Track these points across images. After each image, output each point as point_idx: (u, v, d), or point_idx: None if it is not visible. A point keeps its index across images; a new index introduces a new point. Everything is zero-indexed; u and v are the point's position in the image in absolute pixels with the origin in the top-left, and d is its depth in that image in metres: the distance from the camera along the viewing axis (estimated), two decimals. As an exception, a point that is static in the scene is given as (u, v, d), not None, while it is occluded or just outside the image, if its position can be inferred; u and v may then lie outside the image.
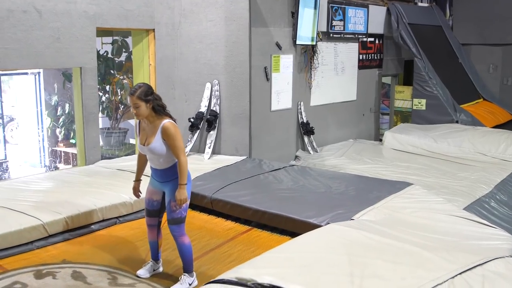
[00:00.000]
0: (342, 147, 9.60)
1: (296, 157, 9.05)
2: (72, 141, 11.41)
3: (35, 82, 11.20)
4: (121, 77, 10.26)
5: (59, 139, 10.99)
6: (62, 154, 10.89)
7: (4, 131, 10.93)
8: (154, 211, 4.48)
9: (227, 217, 5.91)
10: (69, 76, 9.48)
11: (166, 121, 4.15)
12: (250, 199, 5.84)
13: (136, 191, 4.65)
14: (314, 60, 9.37)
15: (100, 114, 10.50)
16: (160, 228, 4.59)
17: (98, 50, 10.22)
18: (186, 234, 4.35)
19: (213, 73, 7.73)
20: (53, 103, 10.86)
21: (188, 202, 4.30)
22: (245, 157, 7.63)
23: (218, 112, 7.71)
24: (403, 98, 11.25)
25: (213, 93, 7.73)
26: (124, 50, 10.10)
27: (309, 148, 9.21)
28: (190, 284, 4.33)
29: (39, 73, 11.06)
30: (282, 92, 8.57)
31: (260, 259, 3.36)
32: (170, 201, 4.23)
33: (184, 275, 4.36)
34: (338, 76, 10.12)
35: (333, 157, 8.98)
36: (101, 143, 9.13)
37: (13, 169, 10.64)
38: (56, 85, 10.70)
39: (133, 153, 8.68)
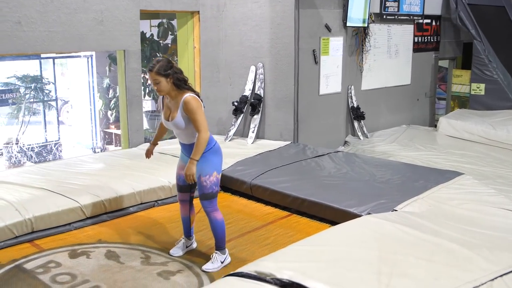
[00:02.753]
0: (394, 133, 9.27)
1: (346, 142, 8.80)
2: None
3: (87, 65, 11.41)
4: (167, 60, 10.24)
5: (110, 121, 11.14)
6: (113, 136, 11.04)
7: (58, 113, 11.17)
8: (185, 186, 4.38)
9: (267, 203, 5.78)
10: (115, 59, 9.55)
11: (187, 95, 3.98)
12: (290, 186, 5.67)
13: (149, 153, 4.64)
14: (366, 43, 9.02)
15: (146, 97, 10.59)
16: (192, 204, 4.52)
17: (145, 32, 10.24)
18: (218, 209, 4.24)
19: (258, 56, 7.56)
20: (104, 86, 11.00)
21: (219, 177, 4.19)
22: (289, 142, 7.45)
23: (262, 95, 7.55)
24: (461, 82, 10.73)
25: (257, 76, 7.57)
26: (170, 32, 10.06)
27: (359, 134, 8.94)
28: (222, 262, 4.26)
29: (91, 56, 11.24)
30: (331, 76, 8.31)
31: (284, 252, 3.20)
32: (201, 176, 4.09)
33: (216, 253, 4.29)
34: (391, 60, 9.73)
35: (384, 143, 8.67)
36: (146, 126, 9.20)
37: (66, 150, 10.89)
38: (107, 68, 10.82)
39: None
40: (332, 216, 5.13)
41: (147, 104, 11.18)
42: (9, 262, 4.36)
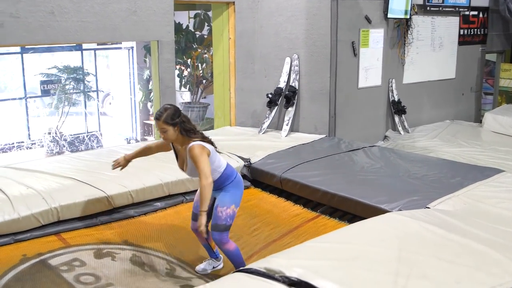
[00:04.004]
0: (436, 128, 8.97)
1: (385, 137, 8.57)
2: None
3: (128, 56, 11.47)
4: (202, 51, 10.16)
5: (150, 113, 11.18)
6: (153, 127, 11.08)
7: (98, 104, 11.29)
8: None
9: (296, 199, 5.64)
10: (150, 50, 9.56)
11: (193, 143, 3.80)
12: (320, 180, 5.52)
13: (119, 165, 4.52)
14: (408, 35, 8.74)
15: (182, 89, 10.57)
16: (208, 232, 4.30)
17: (181, 23, 10.19)
18: (229, 240, 4.02)
19: (293, 47, 7.40)
20: (145, 77, 11.05)
21: (236, 211, 4.00)
22: (324, 135, 7.28)
23: (297, 88, 7.39)
24: (509, 76, 10.29)
25: (292, 68, 7.42)
26: (206, 24, 10.00)
27: (400, 128, 8.68)
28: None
29: (132, 47, 11.29)
30: (370, 69, 8.10)
31: (298, 249, 3.07)
32: (218, 206, 3.94)
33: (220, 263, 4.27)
34: (435, 53, 9.40)
35: (425, 138, 8.39)
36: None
37: (106, 141, 10.99)
38: (144, 59, 10.86)
39: (211, 128, 8.60)
40: (362, 212, 4.96)
41: (186, 96, 11.17)
42: (35, 255, 4.35)
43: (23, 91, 10.29)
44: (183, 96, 11.15)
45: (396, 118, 8.71)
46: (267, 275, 2.64)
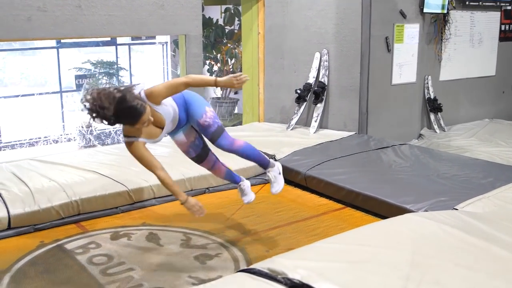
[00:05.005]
0: (474, 127, 8.67)
1: (420, 135, 8.33)
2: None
3: (162, 51, 11.54)
4: (232, 46, 10.09)
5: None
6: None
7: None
8: (200, 153, 4.23)
9: (322, 195, 5.51)
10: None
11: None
12: (345, 178, 5.37)
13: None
14: (446, 31, 8.47)
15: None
16: (218, 160, 4.36)
17: (212, 17, 10.13)
18: (235, 139, 4.04)
19: (323, 42, 7.25)
20: (178, 72, 11.08)
21: (212, 110, 3.99)
22: (354, 133, 7.10)
23: (326, 83, 7.24)
24: (553, 74, 9.85)
25: (322, 63, 7.26)
26: (237, 18, 9.93)
27: (436, 127, 8.43)
28: (280, 173, 4.31)
29: (166, 42, 11.35)
30: (405, 65, 7.87)
31: (307, 249, 2.94)
32: (198, 120, 3.89)
33: (268, 171, 4.27)
34: (474, 49, 9.08)
35: (462, 137, 8.12)
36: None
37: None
38: (177, 54, 10.89)
39: (240, 123, 8.53)
40: (386, 212, 4.78)
41: (218, 91, 11.14)
42: (52, 241, 4.39)
43: (58, 85, 10.48)
44: (216, 91, 11.13)
45: (432, 116, 8.46)
46: (270, 276, 2.54)
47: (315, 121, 7.23)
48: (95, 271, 3.88)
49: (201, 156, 4.28)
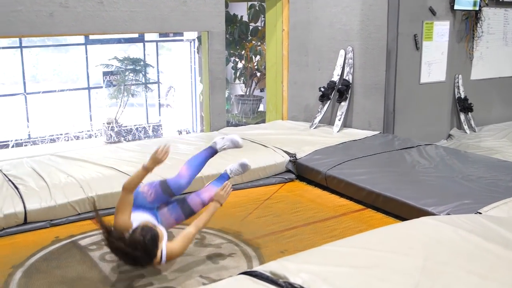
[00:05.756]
0: (506, 128, 8.40)
1: (449, 136, 8.12)
2: (224, 108, 11.56)
3: (190, 48, 11.53)
4: (256, 43, 9.99)
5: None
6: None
7: (159, 95, 11.41)
8: (185, 213, 4.08)
9: (342, 195, 5.39)
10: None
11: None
12: (366, 179, 5.23)
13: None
14: (478, 28, 8.22)
15: (236, 81, 10.46)
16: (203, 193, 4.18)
17: (237, 14, 10.05)
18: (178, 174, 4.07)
19: (348, 39, 7.10)
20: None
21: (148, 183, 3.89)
22: (378, 132, 6.94)
23: (350, 81, 7.09)
24: None
25: (346, 61, 7.12)
26: (262, 15, 9.83)
27: (466, 127, 8.21)
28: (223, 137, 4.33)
29: (194, 40, 11.33)
30: (434, 63, 7.66)
31: (314, 252, 2.83)
32: (148, 201, 3.85)
33: (220, 149, 4.31)
34: (508, 47, 8.80)
35: (493, 138, 7.87)
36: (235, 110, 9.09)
37: (167, 132, 11.09)
38: (196, 50, 10.88)
39: (263, 121, 8.44)
40: (407, 214, 4.63)
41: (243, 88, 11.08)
42: (67, 237, 4.39)
43: (86, 81, 10.57)
44: (243, 89, 11.07)
45: (462, 116, 8.24)
46: (271, 279, 2.44)
47: (339, 120, 7.10)
48: (107, 268, 3.86)
49: (188, 214, 4.11)
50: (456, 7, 7.57)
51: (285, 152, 6.06)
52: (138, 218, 3.64)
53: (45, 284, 3.62)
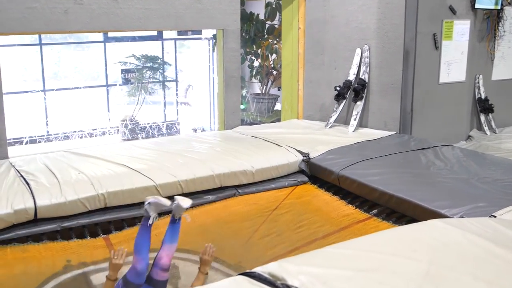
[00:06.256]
0: (528, 129, 8.23)
1: (469, 137, 7.97)
2: (241, 106, 11.53)
3: (208, 46, 11.52)
4: (272, 41, 9.92)
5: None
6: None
7: (177, 93, 11.42)
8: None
9: (353, 198, 5.30)
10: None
11: None
12: (379, 180, 5.14)
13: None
14: (499, 28, 8.06)
15: (252, 79, 10.41)
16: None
17: (253, 12, 9.99)
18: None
19: (364, 38, 7.00)
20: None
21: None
22: (394, 132, 6.84)
23: (366, 81, 7.00)
24: None
25: (362, 60, 7.02)
26: (279, 13, 9.78)
27: (486, 128, 8.05)
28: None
29: (212, 38, 11.31)
30: (453, 63, 7.53)
31: (315, 254, 2.76)
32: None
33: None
34: (530, 47, 8.62)
35: (514, 140, 7.72)
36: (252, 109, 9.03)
37: (184, 130, 11.09)
38: (212, 48, 10.85)
39: (278, 120, 8.39)
40: (420, 216, 4.54)
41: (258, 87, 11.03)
42: (78, 264, 4.26)
43: (105, 79, 10.62)
44: (260, 87, 11.03)
45: (482, 117, 8.08)
46: (269, 281, 2.39)
47: (354, 120, 7.01)
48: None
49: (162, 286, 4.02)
50: (477, 6, 7.43)
51: (299, 151, 6.00)
52: None
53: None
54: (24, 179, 4.97)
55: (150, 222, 3.92)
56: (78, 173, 5.13)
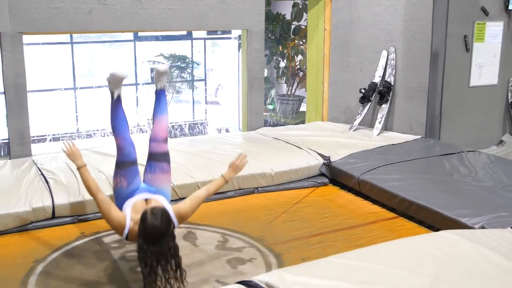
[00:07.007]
0: None
1: (501, 142, 7.74)
2: (270, 107, 11.49)
3: (238, 46, 11.48)
4: (298, 42, 9.81)
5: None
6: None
7: (206, 93, 11.43)
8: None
9: (375, 202, 5.21)
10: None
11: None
12: (399, 185, 5.03)
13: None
14: (534, 29, 7.81)
15: (278, 80, 10.33)
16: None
17: (280, 13, 9.91)
18: None
19: (390, 40, 6.87)
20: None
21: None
22: (420, 136, 6.68)
23: (392, 83, 6.86)
24: None
25: (388, 62, 6.89)
26: (305, 13, 9.69)
27: (519, 133, 7.82)
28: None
29: (238, 37, 11.30)
30: (485, 66, 7.32)
31: (317, 263, 2.70)
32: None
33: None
34: None
35: (548, 146, 7.46)
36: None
37: (211, 130, 11.10)
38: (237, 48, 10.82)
39: (302, 122, 8.31)
40: (440, 224, 4.43)
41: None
42: (92, 234, 4.43)
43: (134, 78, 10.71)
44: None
45: (515, 122, 7.86)
46: (265, 291, 2.35)
47: (379, 123, 6.89)
48: (125, 267, 3.86)
49: (164, 157, 4.00)
50: (510, 7, 7.21)
51: (320, 154, 5.92)
52: (131, 204, 3.64)
53: (62, 280, 3.66)
54: (44, 177, 5.04)
55: (115, 97, 3.85)
56: (97, 172, 5.16)
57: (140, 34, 10.28)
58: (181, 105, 11.05)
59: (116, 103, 3.85)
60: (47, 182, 4.91)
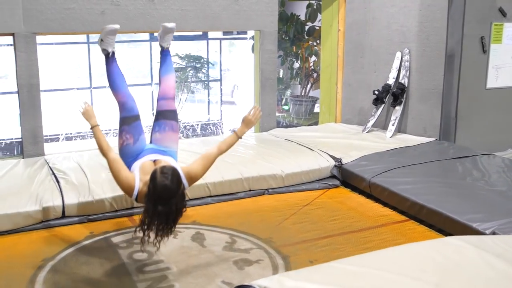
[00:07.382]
0: None
1: (518, 145, 7.63)
2: (285, 107, 11.47)
3: (251, 47, 11.46)
4: (312, 43, 9.76)
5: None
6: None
7: (221, 92, 11.44)
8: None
9: (386, 205, 5.16)
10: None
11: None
12: (410, 189, 4.97)
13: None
14: (553, 30, 7.67)
15: (292, 81, 10.29)
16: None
17: (294, 14, 9.86)
18: None
19: (404, 41, 6.80)
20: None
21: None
22: (434, 139, 6.61)
23: (406, 85, 6.79)
24: None
25: (402, 63, 6.83)
26: (319, 14, 9.65)
27: (536, 136, 7.67)
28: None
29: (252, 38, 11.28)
30: (503, 67, 7.22)
31: (318, 269, 2.66)
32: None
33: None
34: None
35: None
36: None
37: (226, 131, 11.10)
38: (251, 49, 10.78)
39: (316, 123, 8.27)
40: (451, 229, 4.38)
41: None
42: (101, 233, 4.45)
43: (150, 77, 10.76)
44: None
45: (532, 125, 7.71)
46: (264, 295, 2.34)
47: (393, 125, 6.82)
48: (132, 267, 3.88)
49: (173, 115, 4.09)
50: (529, 8, 7.10)
51: (331, 156, 5.88)
52: (139, 165, 3.64)
53: (70, 279, 3.69)
54: (55, 176, 5.08)
55: (110, 55, 3.96)
56: (108, 173, 5.18)
57: (156, 34, 10.29)
58: (195, 105, 11.07)
59: (111, 61, 3.95)
60: (58, 181, 4.95)
